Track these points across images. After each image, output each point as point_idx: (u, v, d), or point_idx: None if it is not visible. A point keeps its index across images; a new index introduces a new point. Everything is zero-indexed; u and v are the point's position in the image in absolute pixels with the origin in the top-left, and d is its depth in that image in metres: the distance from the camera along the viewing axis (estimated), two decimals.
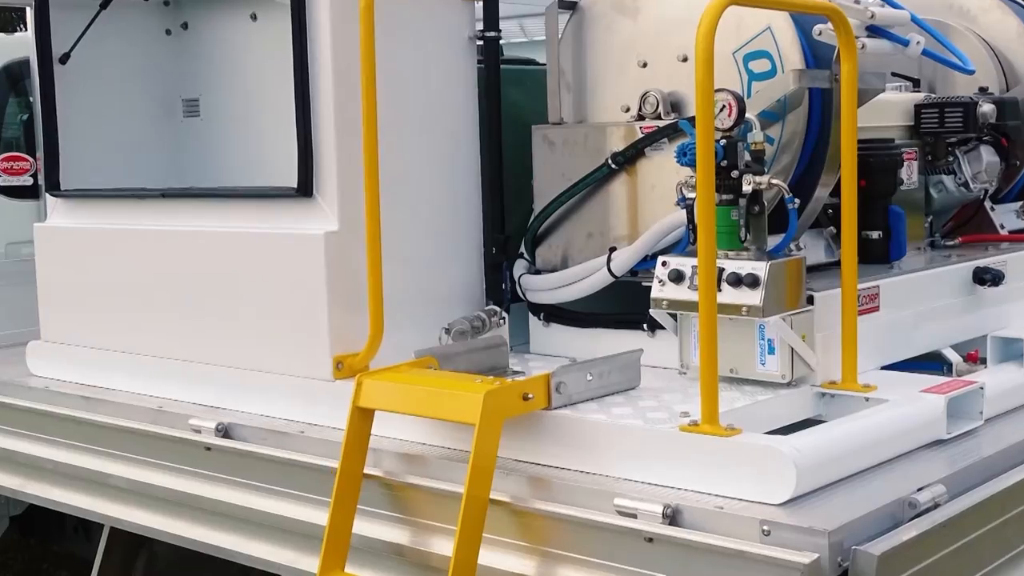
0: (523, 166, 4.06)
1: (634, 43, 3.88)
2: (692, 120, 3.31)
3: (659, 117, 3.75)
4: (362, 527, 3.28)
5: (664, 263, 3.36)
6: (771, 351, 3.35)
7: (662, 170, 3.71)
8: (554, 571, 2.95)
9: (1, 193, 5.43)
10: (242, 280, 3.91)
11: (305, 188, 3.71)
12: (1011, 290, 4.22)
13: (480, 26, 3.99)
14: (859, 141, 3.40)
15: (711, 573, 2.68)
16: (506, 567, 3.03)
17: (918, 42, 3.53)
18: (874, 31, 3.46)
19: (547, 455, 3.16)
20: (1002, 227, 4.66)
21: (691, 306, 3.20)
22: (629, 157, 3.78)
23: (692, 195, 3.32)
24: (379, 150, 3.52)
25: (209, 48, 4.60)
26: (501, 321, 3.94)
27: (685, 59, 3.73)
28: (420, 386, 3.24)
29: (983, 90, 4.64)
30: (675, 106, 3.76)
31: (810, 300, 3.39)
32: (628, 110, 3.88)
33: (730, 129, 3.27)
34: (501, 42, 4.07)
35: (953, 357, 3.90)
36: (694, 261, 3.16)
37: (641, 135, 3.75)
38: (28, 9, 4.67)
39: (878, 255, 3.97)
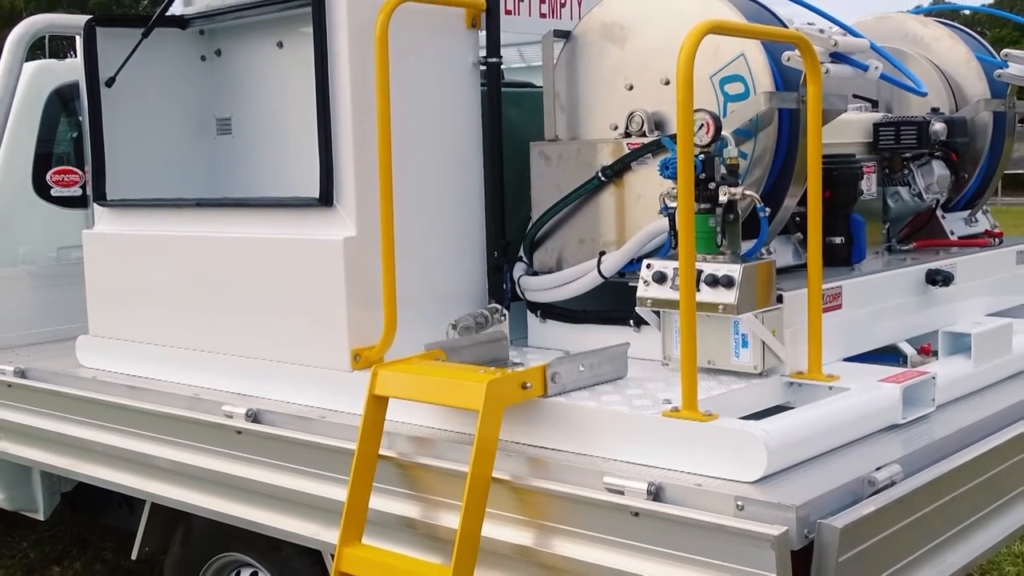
0: (522, 178, 4.05)
1: (621, 68, 3.87)
2: (673, 137, 3.33)
3: (644, 134, 3.75)
4: (377, 503, 3.28)
5: (648, 265, 3.36)
6: (744, 345, 3.35)
7: (647, 182, 3.71)
8: (549, 542, 2.95)
9: (53, 203, 5.43)
10: (269, 281, 3.90)
11: (326, 198, 3.71)
12: (960, 290, 4.22)
13: (483, 52, 3.99)
14: (823, 156, 3.40)
15: (691, 544, 2.68)
16: (506, 538, 3.03)
17: (876, 67, 3.53)
18: (837, 57, 3.46)
19: (543, 438, 3.16)
20: (952, 233, 4.66)
21: (673, 304, 3.20)
22: (617, 170, 3.78)
23: (674, 205, 3.32)
24: (392, 164, 3.53)
25: (240, 72, 4.60)
26: (502, 318, 3.94)
27: (667, 82, 3.72)
28: (429, 376, 3.24)
29: (935, 110, 4.64)
30: (658, 125, 3.76)
31: (779, 299, 3.39)
32: (616, 128, 3.87)
33: (708, 145, 3.27)
34: (502, 67, 4.07)
35: (908, 350, 3.90)
36: (675, 264, 3.16)
37: (628, 151, 3.75)
38: (77, 38, 4.66)
39: (841, 258, 3.97)
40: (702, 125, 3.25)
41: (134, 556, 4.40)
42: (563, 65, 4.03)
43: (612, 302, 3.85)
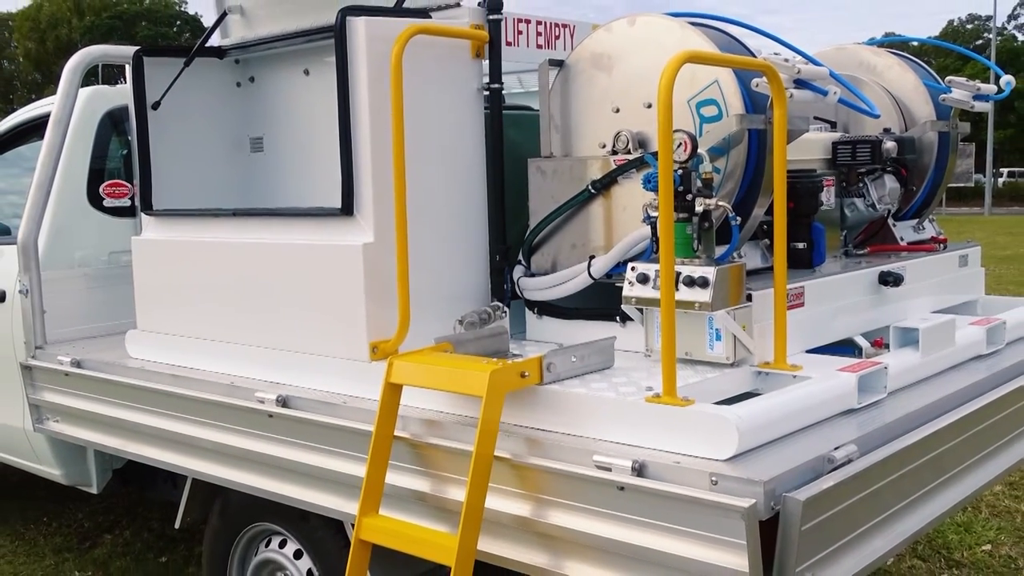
0: (521, 190, 4.05)
1: (609, 93, 3.87)
2: (655, 154, 3.32)
3: (629, 152, 3.75)
4: (393, 478, 3.29)
5: (633, 268, 3.36)
6: (718, 338, 3.35)
7: (632, 194, 3.71)
8: (545, 513, 2.96)
9: (105, 212, 5.42)
10: (296, 282, 3.90)
11: (347, 208, 3.70)
12: (909, 290, 4.22)
13: (486, 79, 3.99)
14: (788, 171, 3.40)
15: (670, 515, 2.68)
16: (507, 510, 3.04)
17: (835, 92, 3.53)
18: (800, 84, 3.46)
19: (540, 421, 3.17)
20: (902, 239, 4.66)
21: (654, 302, 3.20)
22: (605, 184, 3.78)
23: (655, 214, 3.33)
24: (406, 178, 3.53)
25: (271, 97, 4.60)
26: (503, 315, 3.94)
27: (650, 105, 3.73)
28: (439, 366, 3.24)
29: (887, 130, 4.63)
30: (642, 143, 3.76)
31: (749, 298, 3.39)
32: (604, 146, 3.87)
33: (685, 162, 3.27)
34: (503, 92, 4.07)
35: (863, 343, 3.90)
36: (657, 266, 3.16)
37: (615, 166, 3.75)
38: (127, 66, 4.67)
39: (803, 262, 3.96)
40: (680, 144, 3.26)
41: (177, 525, 4.40)
42: (557, 90, 4.03)
43: (601, 300, 3.85)
